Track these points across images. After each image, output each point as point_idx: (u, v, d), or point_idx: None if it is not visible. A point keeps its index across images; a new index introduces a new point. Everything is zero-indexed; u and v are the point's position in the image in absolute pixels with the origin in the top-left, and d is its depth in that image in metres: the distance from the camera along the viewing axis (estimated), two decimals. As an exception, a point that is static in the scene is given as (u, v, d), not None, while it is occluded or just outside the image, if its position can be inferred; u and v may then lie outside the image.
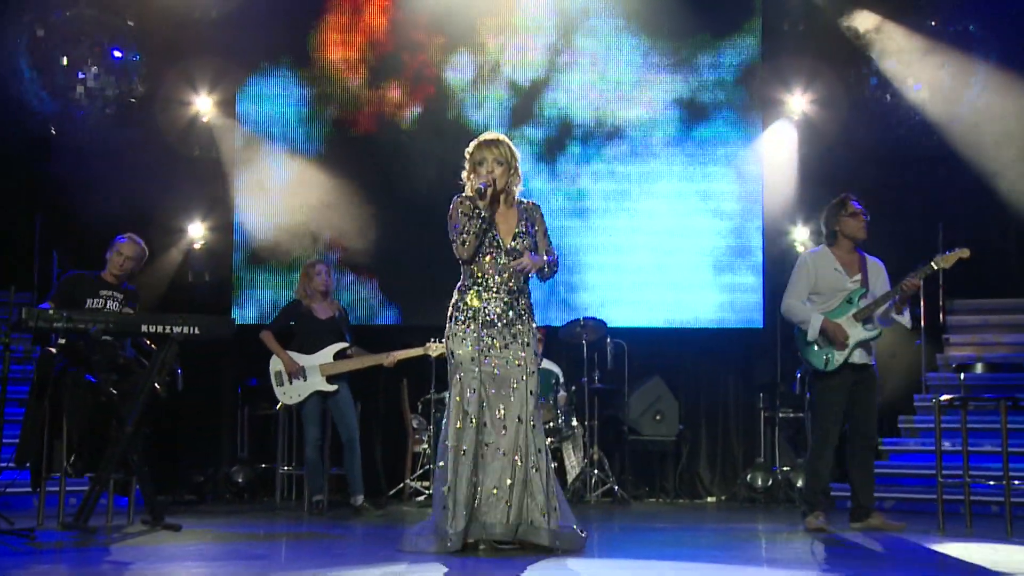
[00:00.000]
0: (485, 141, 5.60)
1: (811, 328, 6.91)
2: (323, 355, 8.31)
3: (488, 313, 5.51)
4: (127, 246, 7.35)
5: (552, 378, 9.22)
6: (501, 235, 5.57)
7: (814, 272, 7.04)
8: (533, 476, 5.40)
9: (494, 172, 5.52)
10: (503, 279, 5.56)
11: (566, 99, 10.59)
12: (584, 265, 10.43)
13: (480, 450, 5.40)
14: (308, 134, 10.45)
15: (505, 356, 5.50)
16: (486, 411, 5.44)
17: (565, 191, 10.52)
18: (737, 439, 10.54)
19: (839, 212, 7.08)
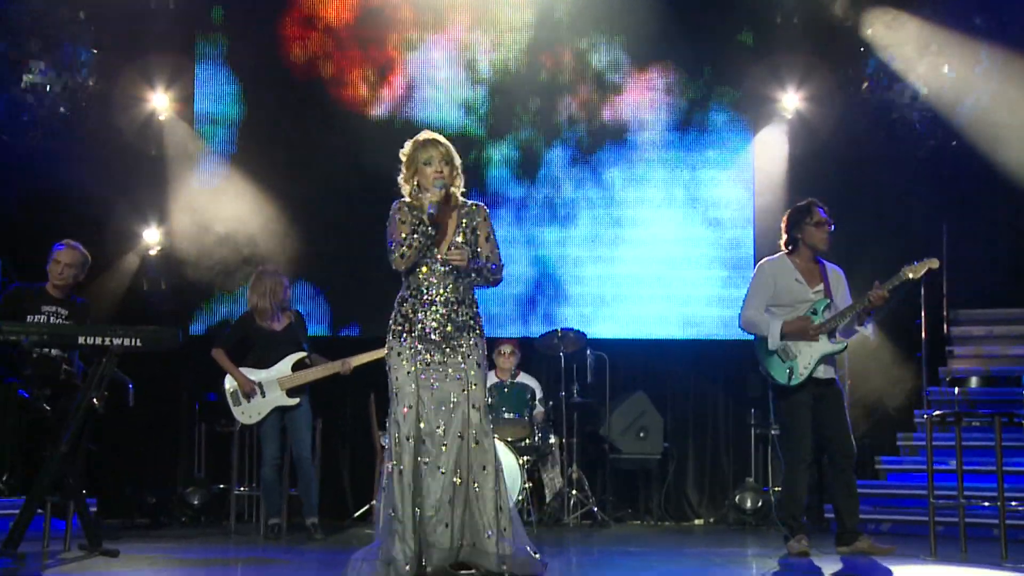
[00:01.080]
0: (428, 140, 5.51)
1: (771, 335, 6.85)
2: (280, 368, 8.24)
3: (425, 326, 5.45)
4: (65, 253, 7.29)
5: (528, 393, 9.16)
6: (439, 242, 5.48)
7: (772, 282, 6.99)
8: (476, 495, 5.33)
9: (443, 172, 5.45)
10: (441, 290, 5.49)
11: (547, 100, 10.56)
12: (563, 274, 10.41)
13: (418, 469, 5.33)
14: (262, 133, 10.40)
15: (444, 370, 5.43)
16: (425, 429, 5.37)
17: (544, 197, 10.49)
18: (727, 457, 10.48)
19: (803, 219, 7.01)
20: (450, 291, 5.47)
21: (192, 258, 10.23)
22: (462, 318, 5.48)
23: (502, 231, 10.18)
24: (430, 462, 5.32)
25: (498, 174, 10.51)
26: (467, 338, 5.48)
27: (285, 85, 10.42)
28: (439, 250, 5.47)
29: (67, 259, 7.25)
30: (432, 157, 5.45)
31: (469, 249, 5.47)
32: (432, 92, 10.52)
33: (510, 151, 10.52)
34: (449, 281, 5.47)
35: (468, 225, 5.53)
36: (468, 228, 5.53)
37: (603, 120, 10.56)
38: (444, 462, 5.31)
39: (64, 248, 7.28)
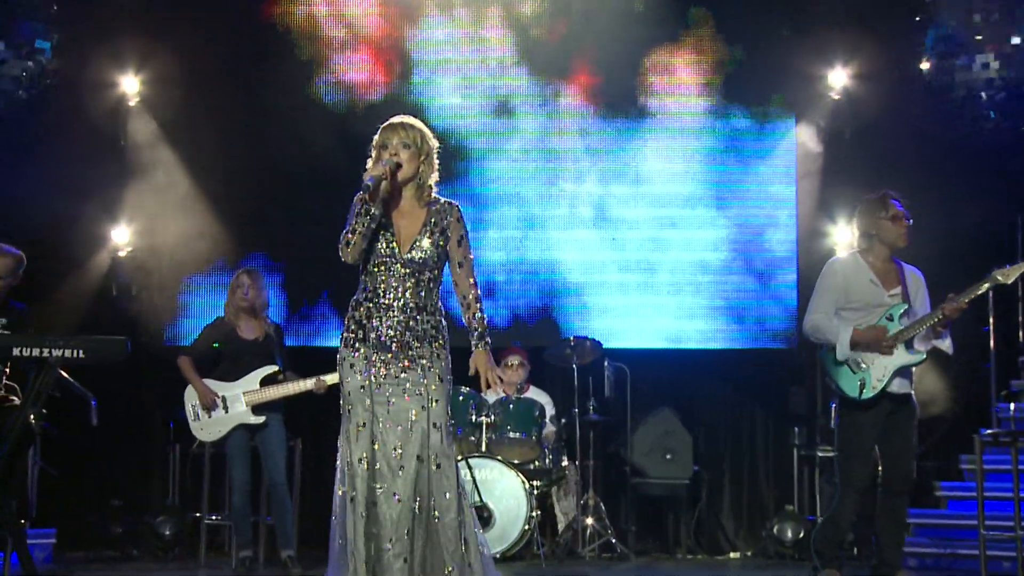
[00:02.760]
0: (393, 123, 5.42)
1: (840, 345, 6.65)
2: (247, 381, 8.14)
3: (380, 334, 5.33)
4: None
5: (536, 409, 8.97)
6: (400, 240, 5.37)
7: (844, 283, 6.78)
8: (437, 526, 5.22)
9: (399, 155, 5.34)
10: (400, 294, 5.36)
11: (563, 88, 10.44)
12: (576, 278, 10.27)
13: (372, 496, 5.21)
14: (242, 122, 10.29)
15: (402, 384, 5.30)
16: (379, 450, 5.26)
17: (557, 193, 10.37)
18: (766, 482, 10.32)
19: (877, 213, 6.81)
20: (410, 295, 5.35)
21: (166, 260, 10.16)
22: (423, 326, 5.35)
23: (510, 230, 10.17)
24: (385, 488, 5.22)
25: (506, 167, 10.38)
26: (428, 349, 5.35)
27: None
28: (400, 249, 5.36)
29: (3, 268, 7.12)
30: (389, 140, 5.35)
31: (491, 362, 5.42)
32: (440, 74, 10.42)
33: (521, 141, 10.39)
34: (409, 284, 5.35)
35: (437, 225, 5.41)
36: (437, 229, 5.41)
37: (625, 110, 10.43)
38: (401, 488, 5.20)
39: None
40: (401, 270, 5.34)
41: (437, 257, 5.38)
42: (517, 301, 10.25)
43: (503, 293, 10.21)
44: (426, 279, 5.37)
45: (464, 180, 10.20)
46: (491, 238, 10.21)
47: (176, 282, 10.23)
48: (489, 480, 8.60)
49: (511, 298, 10.23)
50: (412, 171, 5.37)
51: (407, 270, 5.34)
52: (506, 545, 8.49)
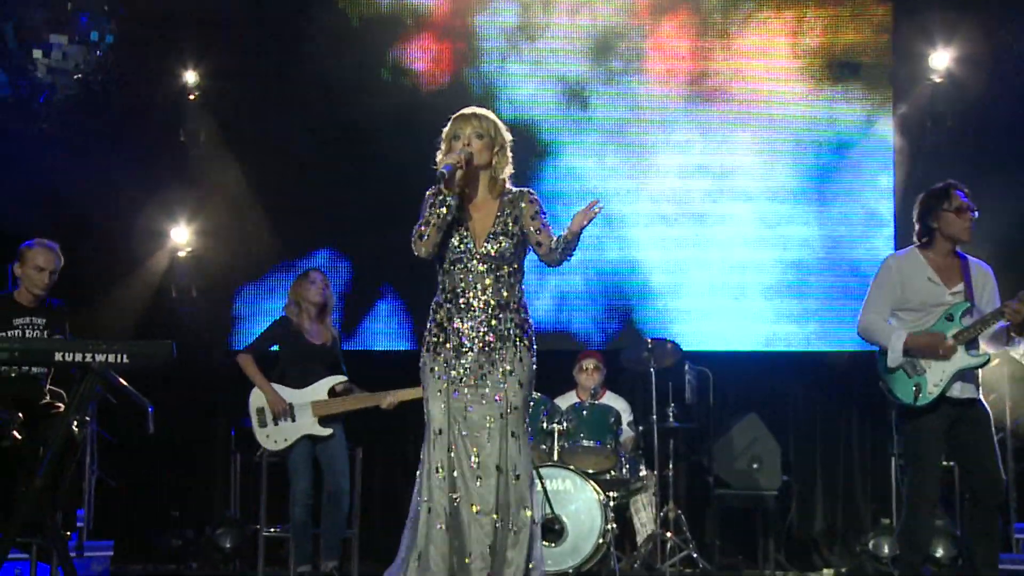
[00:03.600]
0: (464, 114, 5.49)
1: (892, 351, 6.48)
2: (315, 390, 8.11)
3: (460, 336, 5.35)
4: (44, 255, 7.16)
5: (611, 416, 8.89)
6: (475, 235, 5.38)
7: (900, 281, 6.61)
8: (512, 539, 5.27)
9: (472, 145, 5.37)
10: (480, 292, 5.39)
11: (640, 73, 10.37)
12: (657, 278, 10.22)
13: (451, 507, 5.25)
14: (304, 115, 10.35)
15: (480, 390, 5.34)
16: (456, 458, 5.30)
17: (634, 191, 10.31)
18: (863, 493, 10.18)
19: (939, 205, 6.60)
20: (491, 293, 5.38)
21: (227, 261, 10.26)
22: (506, 325, 5.38)
23: (585, 228, 10.08)
24: (462, 498, 5.27)
25: (582, 162, 10.35)
26: (512, 349, 5.37)
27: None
28: (475, 244, 5.38)
29: (52, 264, 7.16)
30: (461, 131, 5.41)
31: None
32: (510, 62, 10.41)
33: (598, 134, 10.35)
34: (489, 281, 5.39)
35: (511, 214, 5.43)
36: (510, 218, 5.43)
37: (707, 97, 10.37)
38: (479, 499, 5.26)
39: (41, 248, 7.16)
40: (479, 266, 5.38)
41: (515, 249, 5.41)
42: (594, 303, 10.23)
43: (579, 294, 10.19)
44: (506, 274, 5.39)
45: (537, 175, 10.16)
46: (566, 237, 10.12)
47: (238, 283, 10.34)
48: (561, 491, 8.51)
49: (588, 299, 10.21)
50: (485, 162, 5.43)
51: (485, 266, 5.38)
52: (579, 560, 8.37)
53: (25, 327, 7.08)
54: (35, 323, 7.12)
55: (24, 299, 7.17)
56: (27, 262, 7.16)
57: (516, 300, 5.44)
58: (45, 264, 7.15)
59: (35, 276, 7.14)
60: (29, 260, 7.16)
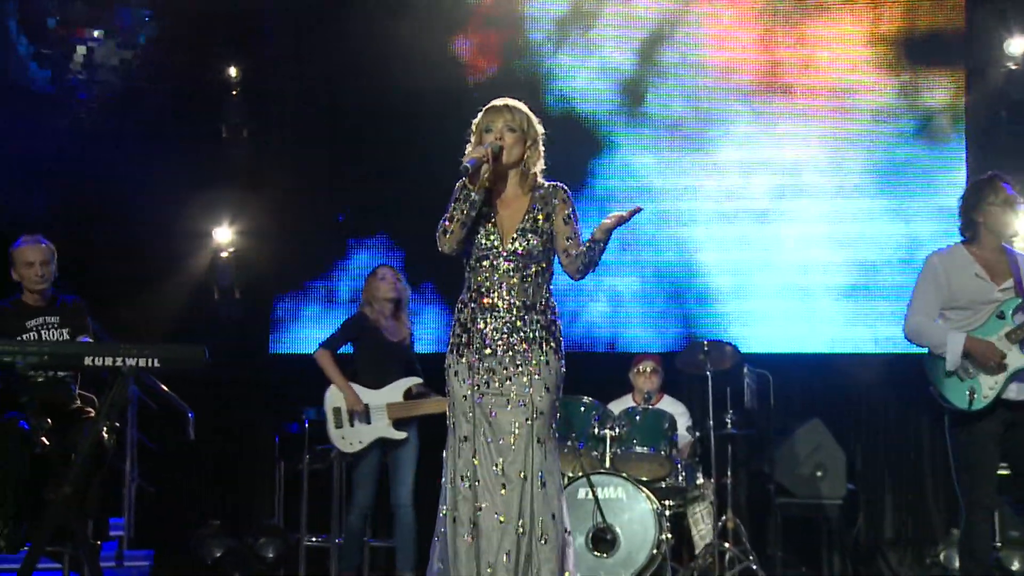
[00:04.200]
0: (495, 106, 5.46)
1: (950, 353, 6.40)
2: (391, 391, 8.08)
3: (485, 337, 5.32)
4: (34, 251, 7.15)
5: (666, 421, 8.84)
6: (502, 231, 5.36)
7: (945, 279, 6.54)
8: (540, 549, 5.21)
9: (503, 139, 5.35)
10: (505, 292, 5.36)
11: (698, 64, 10.35)
12: (714, 276, 10.20)
13: (476, 517, 5.23)
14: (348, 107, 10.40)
15: (505, 394, 5.31)
16: (480, 465, 5.28)
17: (692, 189, 10.30)
18: (934, 503, 10.10)
19: (985, 198, 6.55)
20: (516, 293, 5.35)
21: (271, 261, 10.33)
22: (532, 327, 5.35)
23: (641, 227, 10.09)
24: (486, 506, 5.25)
25: (637, 158, 10.34)
26: (538, 353, 5.34)
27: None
28: (502, 241, 5.36)
29: (40, 256, 7.13)
30: (493, 124, 5.38)
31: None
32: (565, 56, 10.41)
33: (653, 129, 10.34)
34: (515, 280, 5.35)
35: (541, 211, 5.40)
36: (541, 215, 5.40)
37: (776, 85, 10.34)
38: (503, 507, 5.23)
39: (30, 245, 7.14)
40: (504, 264, 5.35)
41: (543, 247, 5.37)
42: (651, 304, 10.21)
43: (635, 295, 10.17)
44: (532, 273, 5.36)
45: (589, 172, 10.19)
46: (620, 236, 10.09)
47: (282, 285, 10.38)
48: (614, 499, 8.47)
49: (644, 300, 10.20)
50: (517, 156, 5.40)
51: (511, 264, 5.34)
52: (633, 571, 8.33)
53: (39, 328, 7.11)
54: (48, 322, 7.15)
55: (31, 300, 7.20)
56: (18, 262, 7.18)
57: (543, 301, 5.40)
58: (34, 258, 7.15)
59: (29, 273, 7.15)
60: (19, 259, 7.18)
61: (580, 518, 8.28)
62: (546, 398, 5.32)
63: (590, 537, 8.32)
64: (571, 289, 9.62)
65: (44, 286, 7.20)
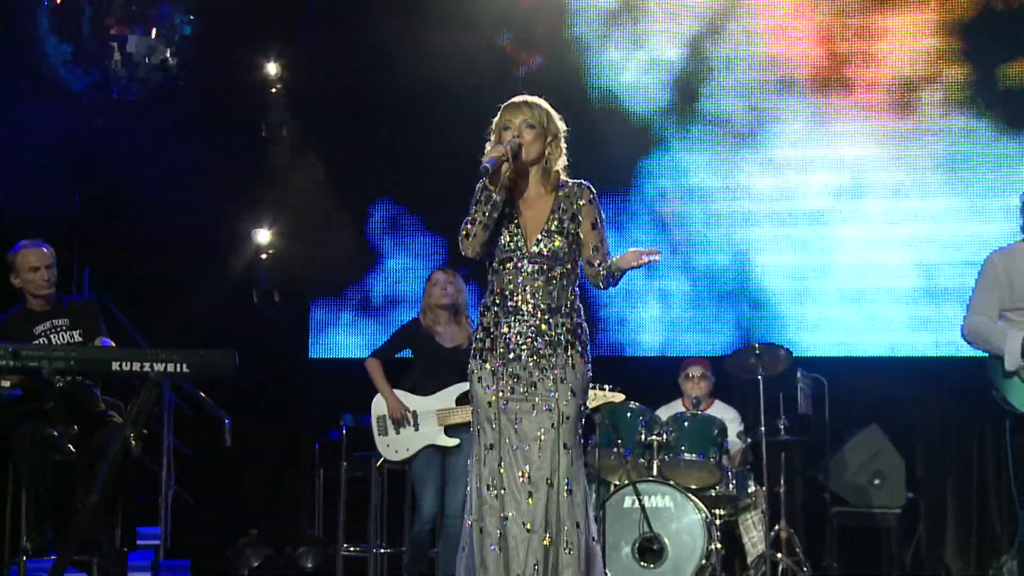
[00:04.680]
0: (513, 103, 5.45)
1: (1008, 353, 6.36)
2: (442, 397, 8.05)
3: (509, 341, 5.33)
4: (37, 254, 7.21)
5: (715, 427, 8.80)
6: (526, 232, 5.36)
7: (1007, 277, 6.49)
8: (565, 558, 5.22)
9: (522, 136, 5.35)
10: (528, 295, 5.36)
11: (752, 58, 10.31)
12: (767, 277, 10.17)
13: (502, 526, 5.24)
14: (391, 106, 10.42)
15: (530, 400, 5.31)
16: (506, 473, 5.29)
17: (743, 186, 10.26)
18: (998, 512, 9.98)
19: None
20: (540, 296, 5.35)
21: (313, 263, 10.39)
22: (556, 331, 5.35)
23: (693, 228, 10.16)
24: (513, 515, 5.26)
25: (688, 156, 10.34)
26: (563, 357, 5.34)
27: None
28: (526, 242, 5.36)
29: (45, 260, 7.19)
30: (511, 120, 5.39)
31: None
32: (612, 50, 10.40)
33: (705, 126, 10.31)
34: (539, 283, 5.35)
35: (566, 211, 5.40)
36: (566, 215, 5.40)
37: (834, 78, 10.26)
38: (529, 515, 5.24)
39: (33, 249, 7.20)
40: (528, 266, 5.35)
41: (568, 248, 5.37)
42: (701, 306, 10.20)
43: (685, 296, 10.17)
44: (557, 275, 5.36)
45: (638, 172, 10.18)
46: (672, 238, 10.18)
47: (323, 288, 10.45)
48: (661, 508, 8.44)
49: (694, 302, 10.19)
50: (537, 154, 5.40)
51: (535, 266, 5.35)
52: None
53: (48, 332, 7.17)
54: (57, 325, 7.20)
55: (36, 306, 7.25)
56: (20, 267, 7.23)
57: (568, 303, 5.39)
58: (38, 262, 7.21)
59: (33, 277, 7.20)
60: (21, 264, 7.23)
61: (626, 527, 8.28)
62: (572, 403, 5.31)
63: (636, 547, 8.30)
64: (620, 292, 9.65)
65: (50, 290, 7.25)
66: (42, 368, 6.34)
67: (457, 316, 8.21)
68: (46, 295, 7.26)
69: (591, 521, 5.36)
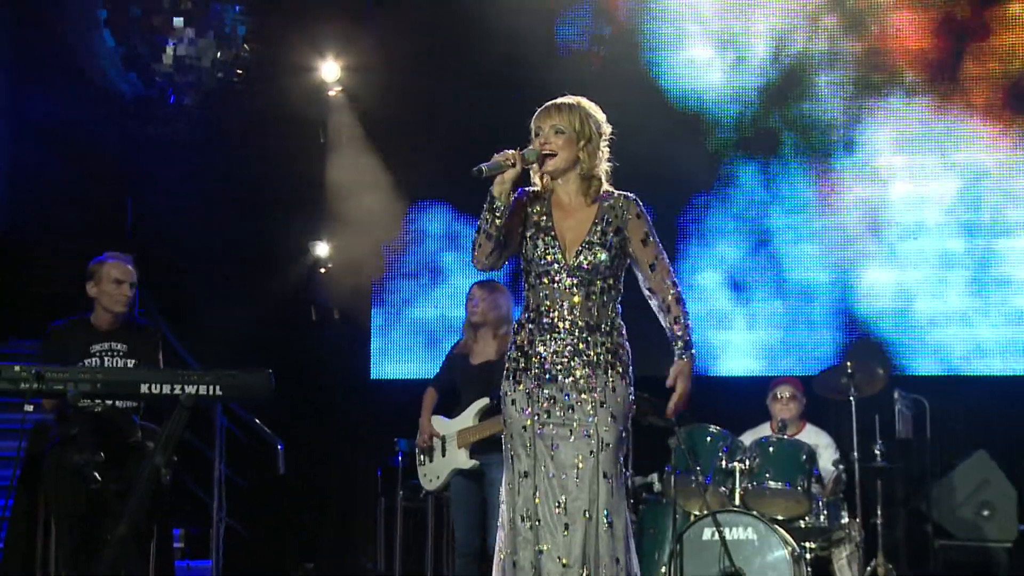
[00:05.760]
0: (545, 107, 5.42)
1: None
2: (464, 417, 8.02)
3: (544, 361, 5.31)
4: (116, 266, 7.22)
5: (803, 452, 8.69)
6: (564, 245, 5.33)
7: None
8: None
9: (550, 144, 5.33)
10: (566, 311, 5.33)
11: (854, 56, 10.30)
12: (863, 293, 10.14)
13: (536, 559, 5.22)
14: (466, 108, 10.43)
15: (568, 424, 5.28)
16: (541, 504, 5.26)
17: (842, 200, 10.23)
18: (1124, 548, 9.78)
19: None
20: (579, 312, 5.31)
21: (374, 278, 10.47)
22: (596, 350, 5.32)
23: (785, 244, 10.12)
24: (548, 549, 5.23)
25: (778, 166, 10.34)
26: (603, 379, 5.31)
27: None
28: (565, 255, 5.33)
29: (127, 275, 7.19)
30: (540, 127, 5.38)
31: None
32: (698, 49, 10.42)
33: (797, 133, 10.31)
34: (577, 298, 5.32)
35: (611, 224, 5.36)
36: (610, 228, 5.36)
37: (945, 78, 10.23)
38: (565, 549, 5.21)
39: (121, 262, 7.20)
40: (567, 280, 5.32)
41: (610, 262, 5.33)
42: (791, 326, 10.21)
43: (774, 314, 10.18)
44: (598, 290, 5.33)
45: (728, 178, 10.21)
46: (762, 254, 10.19)
47: (386, 305, 10.50)
48: (744, 541, 8.31)
49: (784, 319, 10.19)
50: (568, 161, 5.35)
51: (573, 280, 5.32)
52: (766, 622, 8.27)
53: (103, 354, 7.16)
54: (115, 349, 7.20)
55: (102, 322, 7.25)
56: (103, 277, 7.21)
57: (609, 321, 5.35)
58: (123, 276, 7.21)
59: (114, 291, 7.19)
60: (104, 275, 7.20)
61: (705, 562, 8.16)
62: (612, 428, 5.26)
63: (716, 584, 8.23)
64: (706, 311, 9.74)
65: (125, 309, 7.26)
66: (67, 391, 6.44)
67: (496, 331, 8.12)
68: (118, 313, 7.24)
69: (633, 557, 5.29)
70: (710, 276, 10.16)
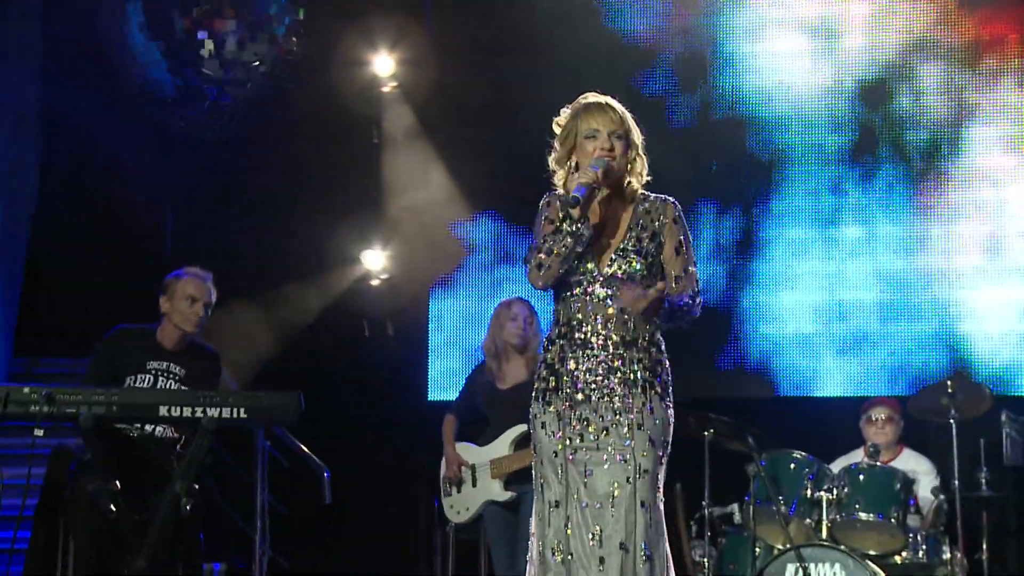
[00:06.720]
0: (594, 104, 5.25)
1: None
2: (497, 445, 8.00)
3: (576, 380, 5.19)
4: (192, 283, 7.24)
5: (897, 481, 8.55)
6: (598, 253, 5.19)
7: None
8: None
9: (614, 149, 5.19)
10: (600, 326, 5.20)
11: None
12: (967, 310, 10.00)
13: None
14: (529, 107, 10.33)
15: (602, 449, 5.16)
16: (574, 535, 5.16)
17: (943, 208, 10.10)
18: None
19: None
20: (613, 326, 5.18)
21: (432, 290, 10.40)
22: (632, 367, 5.19)
23: (860, 259, 9.99)
24: None
25: (843, 173, 10.26)
26: (640, 399, 5.18)
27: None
28: (598, 264, 5.19)
29: (203, 294, 7.22)
30: (597, 129, 5.20)
31: (635, 287, 5.17)
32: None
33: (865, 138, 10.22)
34: (612, 310, 5.17)
35: (646, 229, 5.23)
36: (645, 234, 5.23)
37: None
38: None
39: (198, 280, 7.25)
40: (600, 291, 5.20)
41: (647, 271, 5.20)
42: (887, 339, 10.11)
43: (873, 334, 10.12)
44: None
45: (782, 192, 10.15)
46: (861, 269, 10.13)
47: (446, 318, 10.43)
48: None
49: (883, 339, 10.10)
50: (622, 169, 5.24)
51: (608, 291, 5.20)
52: (857, 669, 8.13)
53: (159, 373, 7.16)
54: (172, 372, 7.19)
55: (168, 339, 7.25)
56: (176, 293, 7.22)
57: (646, 336, 5.21)
58: (198, 294, 7.22)
59: (187, 309, 7.21)
60: (179, 290, 7.22)
61: (789, 600, 8.09)
62: (651, 453, 5.15)
63: (800, 625, 8.10)
64: (793, 329, 9.65)
65: (195, 330, 7.27)
66: (79, 414, 6.43)
67: (523, 353, 8.10)
68: (187, 333, 7.26)
69: None
70: (798, 283, 10.12)
